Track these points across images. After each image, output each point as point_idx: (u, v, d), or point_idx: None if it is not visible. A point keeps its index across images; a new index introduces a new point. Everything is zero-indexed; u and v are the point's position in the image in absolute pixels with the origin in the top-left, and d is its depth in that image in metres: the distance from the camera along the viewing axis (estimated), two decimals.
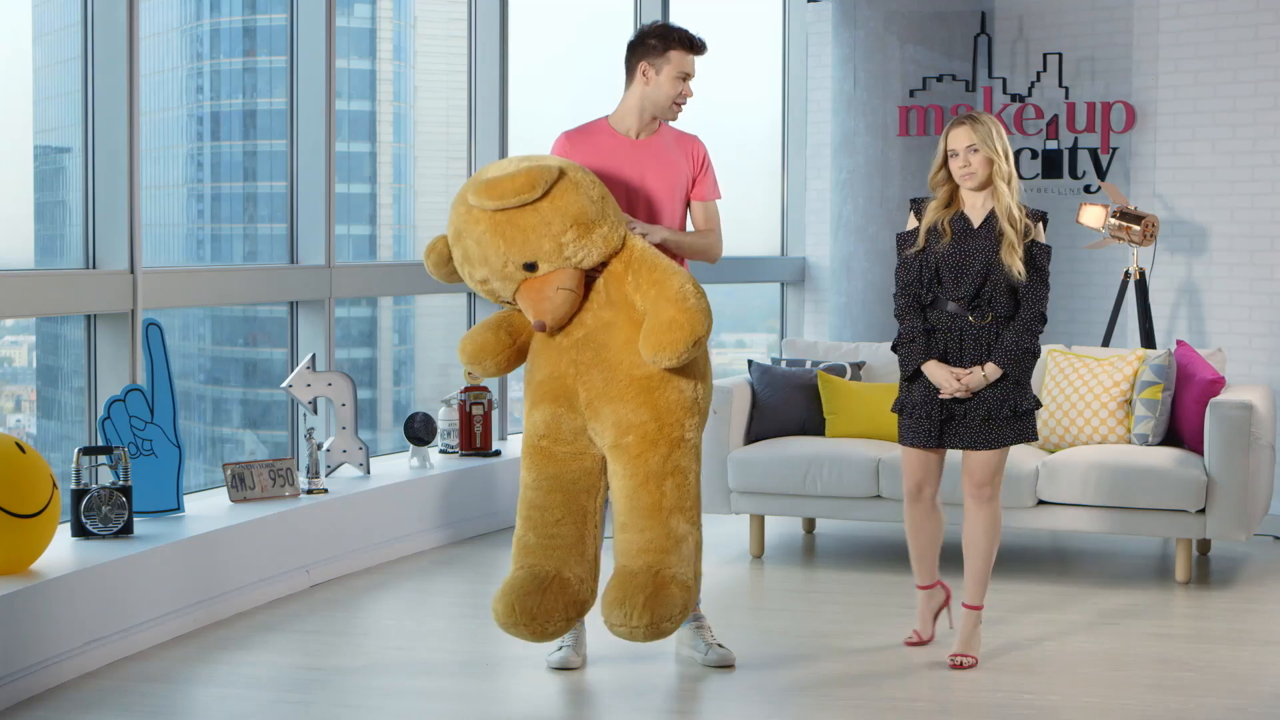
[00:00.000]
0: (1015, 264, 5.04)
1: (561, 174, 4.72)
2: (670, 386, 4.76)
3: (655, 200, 5.08)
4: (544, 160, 4.77)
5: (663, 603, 4.71)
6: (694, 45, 5.06)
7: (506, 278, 4.75)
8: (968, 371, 5.09)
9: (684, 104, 5.13)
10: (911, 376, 5.16)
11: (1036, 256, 5.10)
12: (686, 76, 5.10)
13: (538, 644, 5.08)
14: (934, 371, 5.12)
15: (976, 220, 5.14)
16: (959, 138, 5.08)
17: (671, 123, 5.21)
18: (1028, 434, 5.18)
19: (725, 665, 5.18)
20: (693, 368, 4.81)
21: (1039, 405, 5.21)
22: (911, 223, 5.25)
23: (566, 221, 4.69)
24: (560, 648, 5.19)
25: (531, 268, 4.70)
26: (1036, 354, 5.13)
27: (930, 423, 5.16)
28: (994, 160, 5.07)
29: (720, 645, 5.25)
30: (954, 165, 5.11)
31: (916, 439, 5.20)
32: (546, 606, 4.84)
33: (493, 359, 4.95)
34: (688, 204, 5.21)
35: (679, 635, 5.31)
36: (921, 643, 5.43)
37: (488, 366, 4.97)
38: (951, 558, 6.22)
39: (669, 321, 4.64)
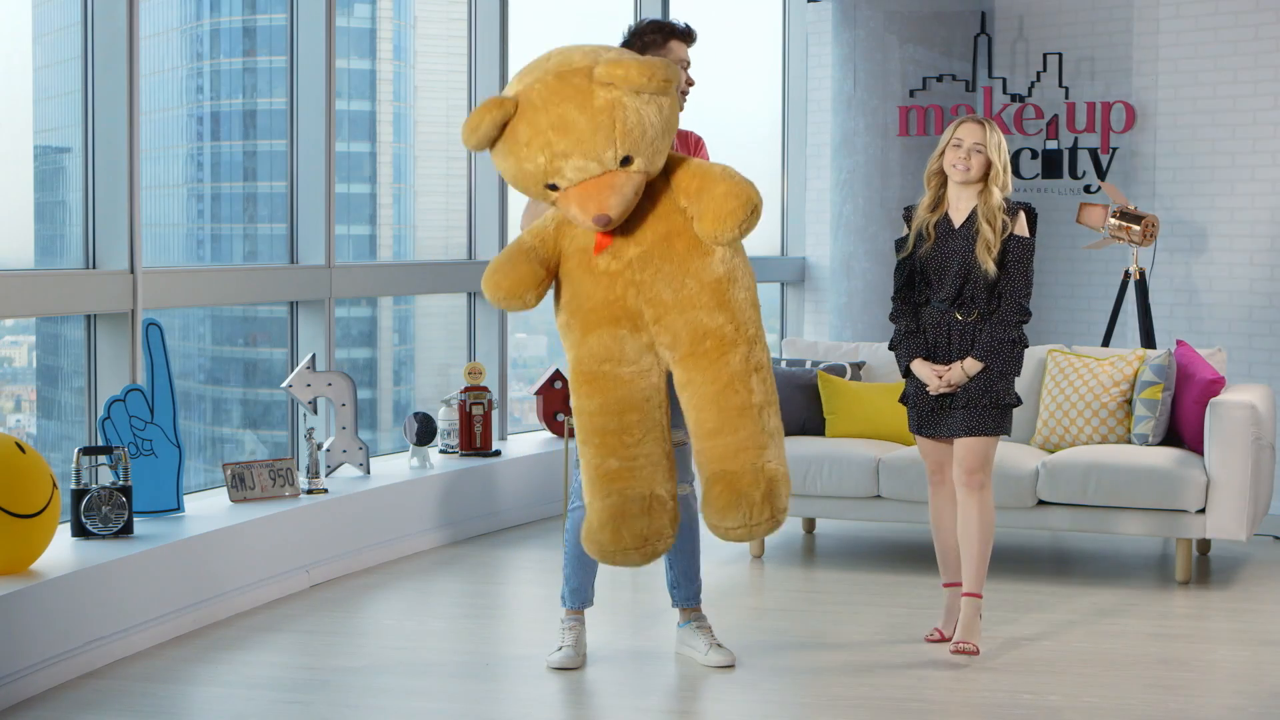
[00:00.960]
0: (988, 262, 5.21)
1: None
2: (737, 286, 4.69)
3: None
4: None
5: (776, 494, 4.61)
6: (689, 34, 5.24)
7: (600, 164, 4.51)
8: (948, 368, 5.29)
9: (688, 92, 5.22)
10: (905, 373, 5.41)
11: (1013, 250, 5.25)
12: (687, 65, 5.23)
13: (639, 568, 4.92)
14: (919, 370, 5.36)
15: (958, 220, 5.31)
16: (971, 132, 5.26)
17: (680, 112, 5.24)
18: (1005, 427, 5.35)
19: (725, 665, 5.19)
20: (747, 265, 4.74)
21: (1019, 403, 5.36)
22: (906, 231, 5.45)
23: (671, 125, 4.59)
24: (560, 648, 5.21)
25: (627, 162, 4.52)
26: (1021, 344, 5.30)
27: (923, 412, 5.39)
28: (993, 165, 5.24)
29: (720, 645, 5.25)
30: (951, 155, 5.26)
31: (918, 428, 5.43)
32: (656, 525, 4.67)
33: (534, 291, 4.72)
34: None
35: (679, 635, 5.33)
36: (944, 639, 5.46)
37: (528, 300, 4.72)
38: None
39: (724, 194, 4.56)
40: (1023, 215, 5.26)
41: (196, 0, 7.16)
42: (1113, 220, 7.94)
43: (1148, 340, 7.86)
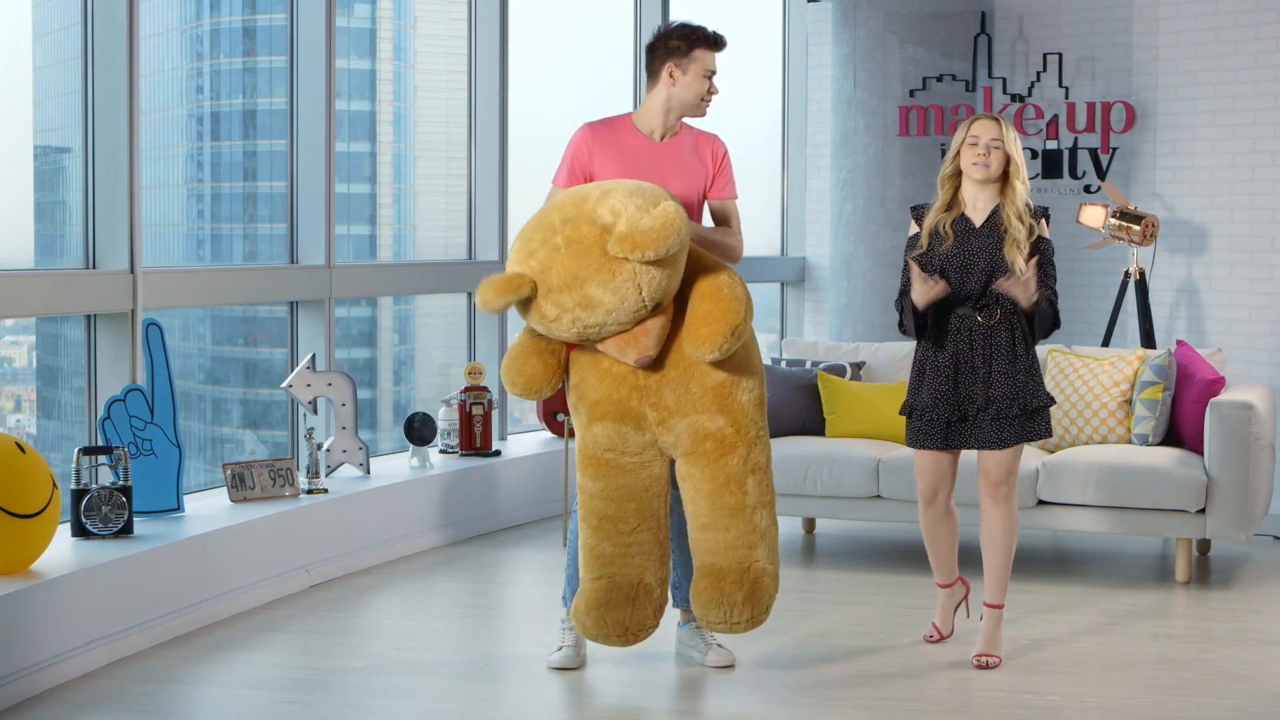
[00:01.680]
0: (1018, 260, 5.06)
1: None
2: (740, 388, 4.81)
3: None
4: (657, 197, 4.65)
5: (759, 596, 4.83)
6: (717, 42, 5.14)
7: (635, 319, 4.66)
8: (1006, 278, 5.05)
9: (710, 100, 5.18)
10: (919, 330, 5.14)
11: (1044, 251, 5.14)
12: (711, 74, 5.15)
13: (621, 648, 5.10)
14: (922, 286, 5.08)
15: (978, 220, 5.17)
16: (986, 129, 5.13)
17: (696, 120, 5.26)
18: (1041, 431, 5.18)
19: (725, 665, 5.19)
20: (753, 363, 4.86)
21: (1052, 402, 5.21)
22: (914, 229, 5.28)
23: (681, 263, 4.70)
24: (560, 648, 5.21)
25: (657, 307, 4.68)
26: (1053, 324, 5.14)
27: (940, 424, 5.19)
28: (1012, 160, 5.12)
29: (720, 645, 5.25)
30: (969, 154, 5.13)
31: (927, 441, 5.22)
32: (639, 617, 4.91)
33: (549, 384, 4.88)
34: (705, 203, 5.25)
35: (679, 636, 5.33)
36: (941, 638, 5.46)
37: (543, 393, 4.90)
38: (968, 556, 6.22)
39: (704, 315, 4.68)
40: (1045, 219, 5.20)
41: (196, 0, 7.16)
42: (1113, 220, 7.94)
43: (1148, 340, 7.86)
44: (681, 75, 5.09)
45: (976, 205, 5.18)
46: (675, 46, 5.10)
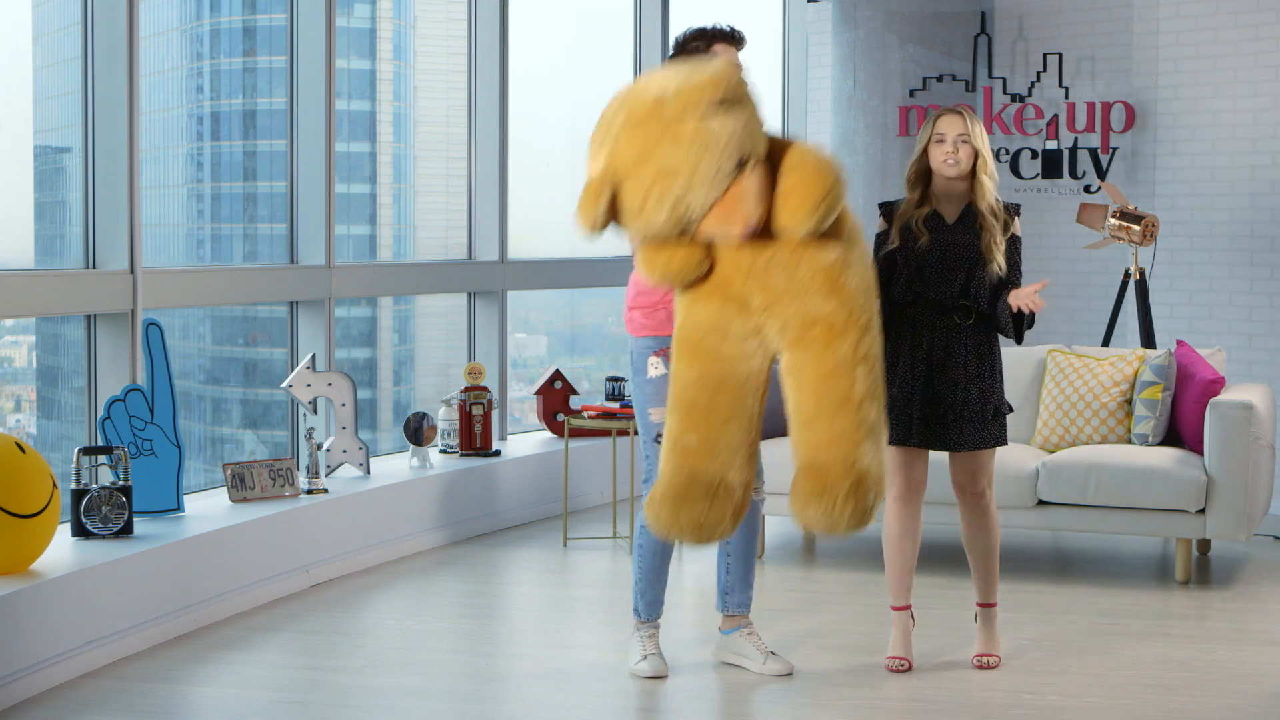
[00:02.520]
0: (998, 257, 5.02)
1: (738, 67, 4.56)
2: (852, 271, 4.54)
3: None
4: (703, 63, 4.54)
5: (863, 493, 4.45)
6: (734, 37, 5.16)
7: (721, 180, 4.42)
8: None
9: None
10: (888, 330, 4.90)
11: (1014, 251, 5.09)
12: (736, 67, 5.13)
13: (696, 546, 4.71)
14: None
15: (951, 216, 5.10)
16: (951, 124, 5.06)
17: None
18: (1000, 438, 5.13)
19: (784, 674, 5.13)
20: (863, 251, 4.63)
21: (1011, 410, 5.17)
22: (882, 225, 5.19)
23: (754, 115, 4.53)
24: (645, 656, 5.15)
25: (740, 165, 4.43)
26: (1018, 330, 5.08)
27: (915, 420, 5.09)
28: (980, 154, 5.06)
29: (775, 653, 5.18)
30: (938, 151, 5.07)
31: (895, 436, 5.07)
32: (715, 515, 4.53)
33: (694, 266, 4.56)
34: None
35: (725, 643, 5.26)
36: (910, 667, 5.20)
37: (689, 275, 4.56)
38: (949, 559, 6.22)
39: (792, 186, 4.45)
40: (1016, 216, 5.14)
41: (196, 0, 7.16)
42: (1113, 220, 7.94)
43: (1148, 340, 7.86)
44: None
45: (947, 201, 5.12)
46: (695, 47, 5.12)
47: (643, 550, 5.15)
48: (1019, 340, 5.12)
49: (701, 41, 5.13)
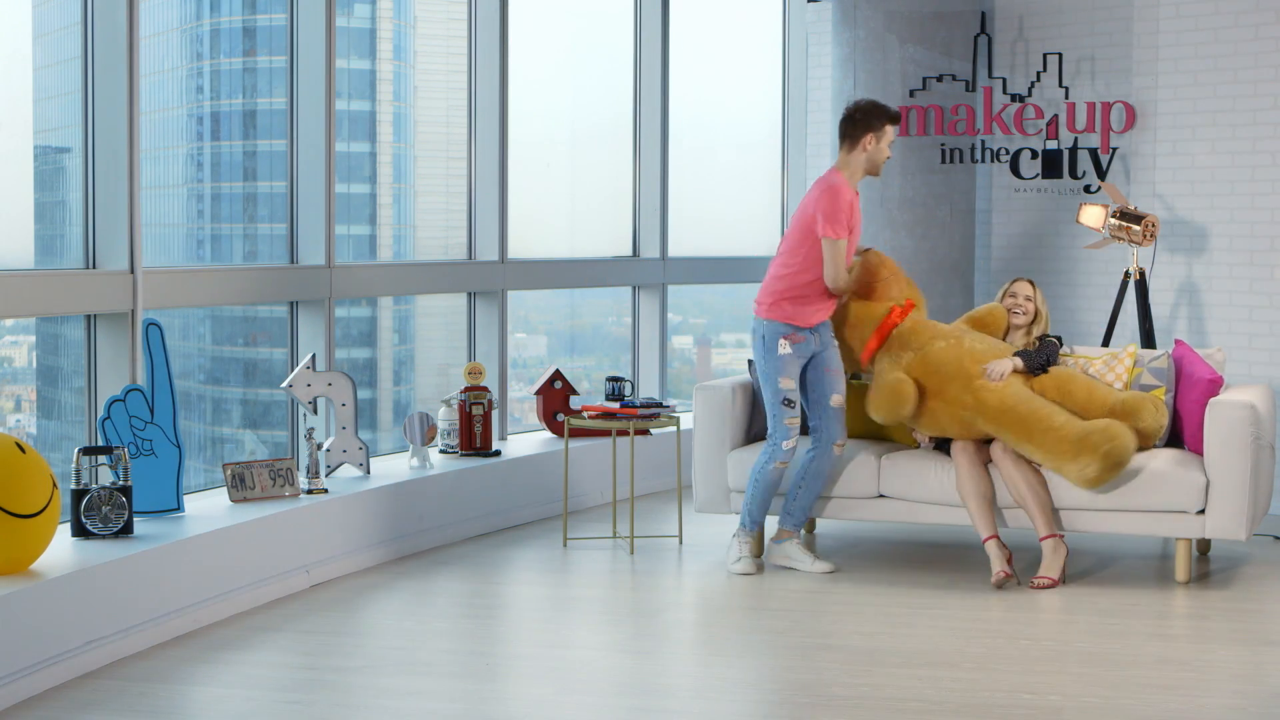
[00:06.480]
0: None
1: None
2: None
3: (851, 239, 6.51)
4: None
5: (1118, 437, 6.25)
6: (898, 120, 6.55)
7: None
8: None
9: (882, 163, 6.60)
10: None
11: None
12: (891, 141, 6.54)
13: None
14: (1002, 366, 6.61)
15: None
16: (1022, 288, 6.80)
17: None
18: None
19: (831, 571, 6.51)
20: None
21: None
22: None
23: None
24: (740, 557, 6.50)
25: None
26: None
27: None
28: (1040, 312, 6.78)
29: (820, 559, 6.57)
30: (1008, 303, 6.79)
31: None
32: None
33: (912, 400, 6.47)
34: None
35: (779, 549, 6.61)
36: (1011, 576, 6.27)
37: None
38: (949, 559, 6.22)
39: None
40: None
41: (196, 0, 7.16)
42: (1113, 220, 7.93)
43: (1148, 340, 7.86)
44: (876, 143, 6.48)
45: (1014, 338, 6.82)
46: (872, 124, 6.44)
47: (759, 482, 6.51)
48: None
49: (877, 121, 6.45)
